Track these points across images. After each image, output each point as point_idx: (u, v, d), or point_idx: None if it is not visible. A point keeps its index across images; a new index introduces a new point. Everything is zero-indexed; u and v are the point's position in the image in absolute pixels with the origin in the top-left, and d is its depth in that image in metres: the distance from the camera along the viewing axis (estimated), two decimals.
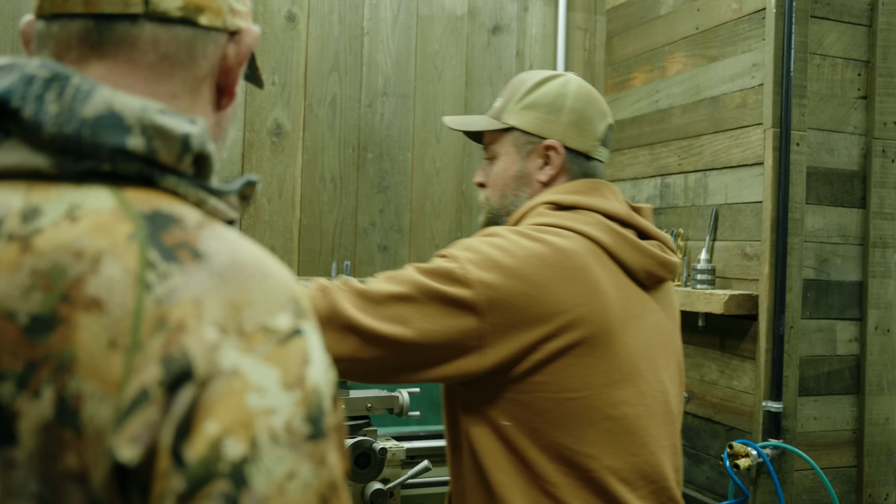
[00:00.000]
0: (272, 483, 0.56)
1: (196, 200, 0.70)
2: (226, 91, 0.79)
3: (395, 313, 1.29)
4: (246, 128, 2.71)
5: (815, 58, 2.35)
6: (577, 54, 3.16)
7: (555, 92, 1.54)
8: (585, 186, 1.51)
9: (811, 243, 2.34)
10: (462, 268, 1.30)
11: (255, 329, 0.60)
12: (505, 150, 1.56)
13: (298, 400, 0.59)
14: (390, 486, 1.94)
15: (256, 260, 0.65)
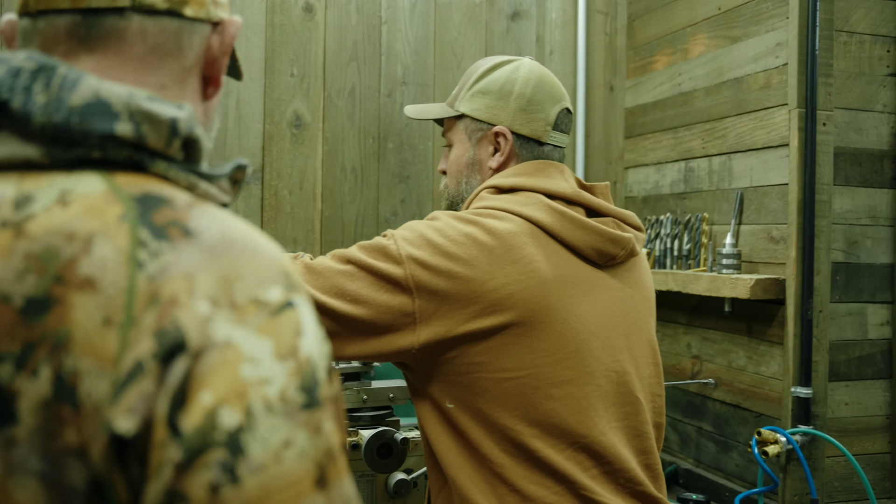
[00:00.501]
0: (268, 451, 0.57)
1: (187, 184, 0.71)
2: (211, 81, 0.81)
3: (335, 284, 1.35)
4: (266, 120, 2.71)
5: (842, 35, 2.30)
6: (598, 38, 3.12)
7: (504, 78, 1.54)
8: (530, 168, 1.51)
9: (840, 225, 2.29)
10: (395, 244, 1.36)
11: (246, 301, 0.61)
12: (458, 137, 1.59)
13: (292, 370, 0.60)
14: (413, 477, 1.94)
15: (246, 235, 0.66)
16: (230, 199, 0.79)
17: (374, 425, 1.95)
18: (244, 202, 2.68)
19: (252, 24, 2.69)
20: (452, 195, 1.61)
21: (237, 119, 2.68)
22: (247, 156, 2.69)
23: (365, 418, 1.98)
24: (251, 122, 2.69)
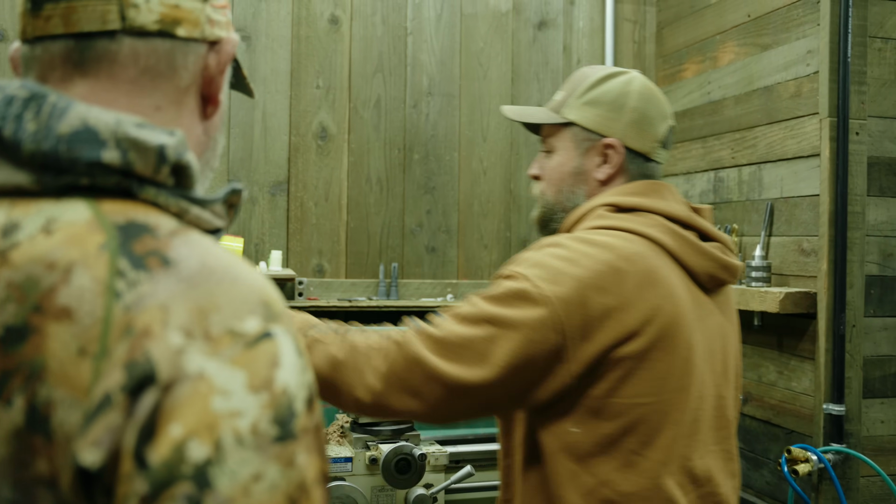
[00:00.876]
0: (237, 484, 0.56)
1: (177, 210, 0.71)
2: (210, 100, 0.81)
3: (476, 352, 1.26)
4: (291, 132, 2.72)
5: (876, 41, 2.24)
6: (627, 47, 3.08)
7: (617, 90, 1.50)
8: (644, 188, 1.47)
9: (874, 237, 2.23)
10: (533, 285, 1.27)
11: (221, 333, 0.60)
12: (563, 144, 1.52)
13: (266, 402, 0.59)
14: (433, 492, 1.92)
15: (226, 265, 0.66)
16: (225, 223, 0.79)
17: (394, 440, 1.94)
18: (270, 214, 2.69)
19: (278, 36, 2.71)
20: (550, 203, 1.54)
21: (263, 131, 2.69)
22: (273, 168, 2.70)
23: (385, 432, 1.97)
24: (277, 134, 2.71)
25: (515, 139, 2.94)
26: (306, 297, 2.68)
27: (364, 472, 1.91)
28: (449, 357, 1.26)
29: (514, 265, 1.33)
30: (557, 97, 1.56)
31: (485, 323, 1.28)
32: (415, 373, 1.26)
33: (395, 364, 1.27)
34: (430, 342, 1.28)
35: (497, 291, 1.30)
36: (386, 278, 2.76)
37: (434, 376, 1.26)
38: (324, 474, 0.66)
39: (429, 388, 1.27)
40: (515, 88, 2.95)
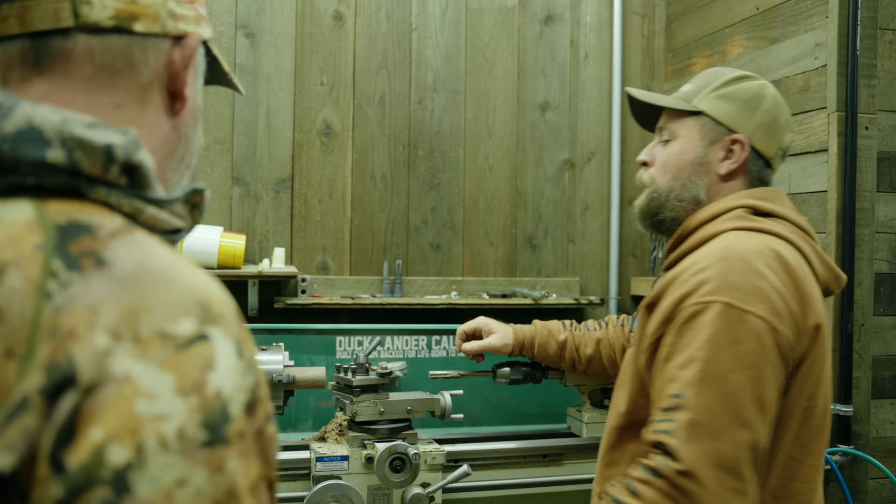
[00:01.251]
0: (158, 490, 0.55)
1: (131, 210, 0.70)
2: (177, 96, 0.80)
3: (744, 442, 1.26)
4: (295, 128, 2.71)
5: (887, 33, 2.18)
6: (635, 41, 3.04)
7: (753, 91, 1.54)
8: (771, 194, 1.50)
9: (884, 234, 2.18)
10: (773, 328, 1.29)
11: (151, 335, 0.59)
12: (687, 133, 1.54)
13: (195, 406, 0.58)
14: (430, 491, 1.90)
15: (164, 266, 0.64)
16: (186, 223, 0.78)
17: (391, 438, 1.93)
18: (274, 211, 2.69)
19: (282, 33, 2.70)
20: (663, 190, 1.55)
21: (267, 128, 2.69)
22: (276, 165, 2.70)
23: (382, 431, 1.95)
24: (281, 132, 2.70)
25: (521, 135, 2.92)
26: (310, 294, 2.67)
27: (361, 471, 1.90)
28: (732, 475, 1.25)
29: (707, 294, 1.32)
30: (686, 89, 1.59)
31: (748, 370, 1.29)
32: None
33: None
34: (715, 470, 1.25)
35: (736, 350, 1.30)
36: (390, 276, 2.75)
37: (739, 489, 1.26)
38: (267, 480, 0.65)
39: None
40: (522, 84, 2.92)
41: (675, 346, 1.33)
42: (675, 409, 1.27)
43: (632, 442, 1.47)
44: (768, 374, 1.28)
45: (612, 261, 2.98)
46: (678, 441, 1.24)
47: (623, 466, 1.47)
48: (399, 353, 2.49)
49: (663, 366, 1.34)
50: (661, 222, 1.57)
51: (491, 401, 2.55)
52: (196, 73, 0.83)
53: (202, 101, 0.86)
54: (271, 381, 1.93)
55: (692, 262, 1.39)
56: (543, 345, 2.04)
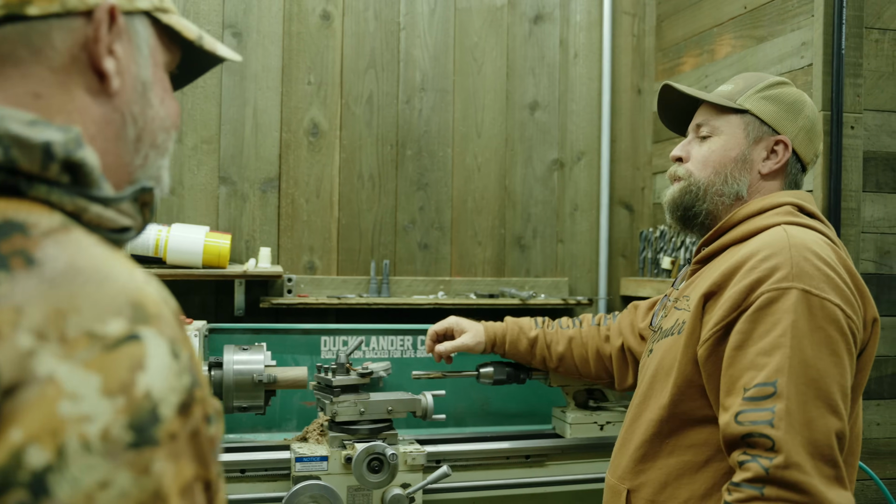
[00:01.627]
0: (79, 492, 0.54)
1: (74, 209, 0.69)
2: (104, 75, 0.75)
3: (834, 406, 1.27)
4: (282, 128, 2.71)
5: (873, 32, 2.17)
6: (625, 41, 3.03)
7: (795, 96, 1.59)
8: (810, 197, 1.55)
9: (870, 234, 2.16)
10: (847, 315, 1.31)
11: (78, 335, 0.58)
12: (731, 130, 1.57)
13: (121, 407, 0.57)
14: (410, 492, 1.90)
15: (97, 265, 0.63)
16: (135, 222, 0.77)
17: (371, 438, 1.92)
18: (261, 211, 2.68)
19: (269, 32, 2.70)
20: (701, 183, 1.57)
21: (254, 128, 2.68)
22: (263, 164, 2.69)
23: (362, 431, 1.94)
24: (268, 131, 2.69)
25: (510, 135, 2.91)
26: (296, 294, 2.67)
27: (340, 472, 1.89)
28: (826, 462, 1.26)
29: (780, 280, 1.33)
30: (725, 89, 1.62)
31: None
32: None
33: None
34: (816, 461, 1.25)
35: (819, 337, 1.32)
36: (377, 275, 2.74)
37: (834, 469, 1.26)
38: (204, 481, 0.64)
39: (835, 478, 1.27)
40: (510, 83, 2.91)
41: (751, 332, 1.32)
42: (767, 397, 1.26)
43: (674, 435, 1.46)
44: (847, 362, 1.29)
45: (601, 261, 2.96)
46: (780, 432, 1.23)
47: (663, 459, 1.46)
48: (384, 354, 2.48)
49: (736, 353, 1.33)
50: (693, 216, 1.59)
51: (477, 401, 2.54)
52: (135, 47, 0.79)
53: (150, 74, 0.80)
54: (251, 380, 1.92)
55: (753, 249, 1.39)
56: (514, 341, 2.04)
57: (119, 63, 0.76)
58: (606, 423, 2.18)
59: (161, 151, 0.84)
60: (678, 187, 1.60)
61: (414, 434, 2.20)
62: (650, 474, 1.47)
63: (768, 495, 1.22)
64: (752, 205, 1.52)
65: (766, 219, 1.47)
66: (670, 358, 1.48)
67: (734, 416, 1.29)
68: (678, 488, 1.43)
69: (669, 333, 1.53)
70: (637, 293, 2.88)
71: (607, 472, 1.62)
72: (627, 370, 1.93)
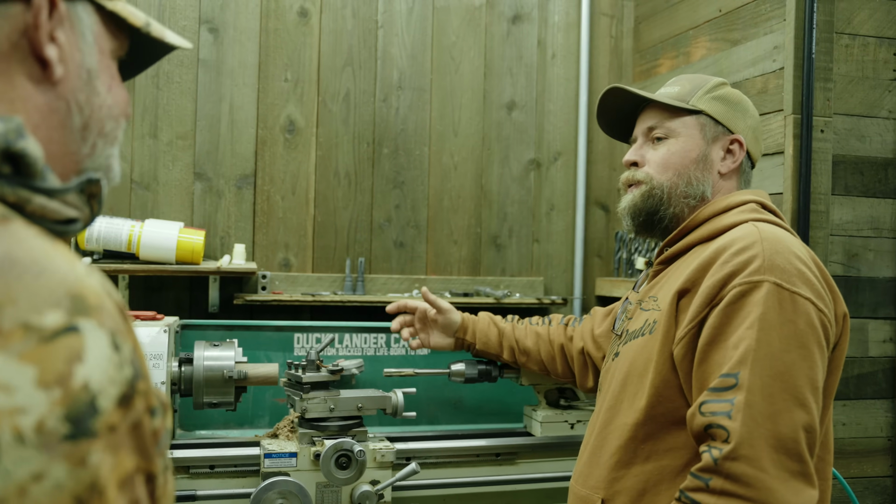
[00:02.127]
0: (10, 484, 0.54)
1: (16, 200, 0.68)
2: (45, 62, 0.74)
3: (803, 399, 1.27)
4: (258, 124, 2.70)
5: (843, 37, 2.19)
6: (603, 42, 3.04)
7: (739, 96, 1.61)
8: (766, 195, 1.56)
9: (838, 237, 2.19)
10: (819, 309, 1.31)
11: (14, 327, 0.58)
12: (688, 132, 1.56)
13: (57, 399, 0.57)
14: (378, 489, 1.90)
15: (35, 257, 0.63)
16: (81, 214, 0.76)
17: (340, 435, 1.92)
18: (236, 207, 2.68)
19: (246, 29, 2.69)
20: (664, 186, 1.55)
21: (230, 124, 2.68)
22: (239, 161, 2.69)
23: (332, 428, 1.95)
24: (244, 127, 2.69)
25: (487, 134, 2.92)
26: (271, 290, 2.66)
27: (309, 468, 1.89)
28: (789, 456, 1.25)
29: (753, 273, 1.33)
30: (671, 90, 1.61)
31: (800, 347, 1.30)
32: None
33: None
34: (773, 452, 1.24)
35: (788, 331, 1.33)
36: (353, 273, 2.74)
37: (801, 467, 1.25)
38: (145, 474, 0.64)
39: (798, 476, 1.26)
40: (488, 83, 2.92)
41: (722, 326, 1.31)
42: (728, 389, 1.26)
43: (650, 439, 1.42)
44: (817, 355, 1.28)
45: (576, 261, 2.98)
46: (736, 423, 1.22)
47: (639, 465, 1.42)
48: (358, 351, 2.48)
49: (709, 348, 1.32)
50: (658, 220, 1.57)
51: (450, 399, 2.55)
52: (78, 34, 0.78)
53: (96, 62, 0.79)
54: (222, 377, 1.92)
55: (726, 243, 1.39)
56: (484, 330, 2.05)
57: (62, 50, 0.75)
58: (577, 422, 2.19)
59: (110, 140, 0.83)
60: (639, 192, 1.57)
61: (386, 432, 2.20)
62: (626, 482, 1.43)
63: (713, 486, 1.22)
64: (715, 204, 1.52)
65: (732, 216, 1.47)
66: (644, 359, 1.45)
67: (699, 407, 1.29)
68: (657, 495, 1.39)
69: (639, 334, 1.50)
70: (612, 293, 2.90)
71: (572, 481, 1.57)
72: (587, 373, 1.93)
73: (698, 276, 1.39)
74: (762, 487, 1.19)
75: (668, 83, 1.64)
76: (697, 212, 1.52)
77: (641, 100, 1.62)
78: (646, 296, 1.56)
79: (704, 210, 1.52)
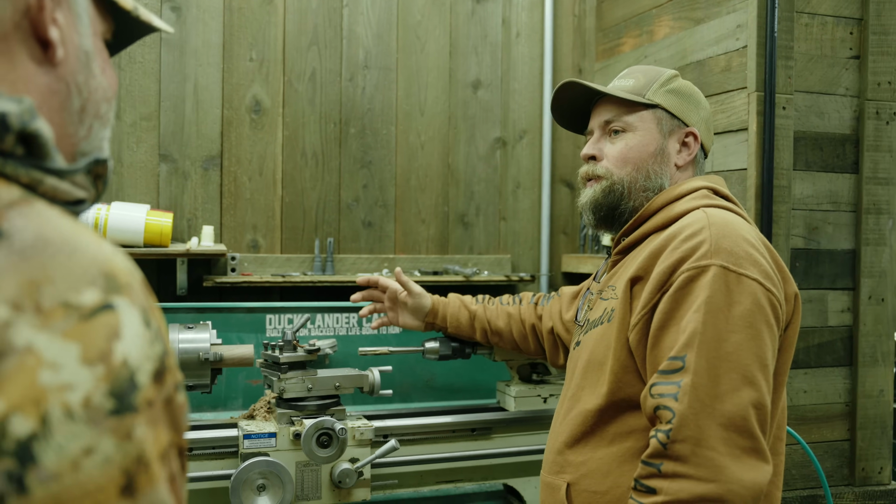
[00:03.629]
0: (64, 459, 0.55)
1: (29, 181, 0.68)
2: (48, 43, 0.74)
3: (745, 373, 1.29)
4: (224, 105, 2.67)
5: (803, 17, 2.25)
6: (567, 21, 3.07)
7: (692, 88, 1.63)
8: (721, 181, 1.60)
9: (800, 210, 2.26)
10: (767, 290, 1.33)
11: (54, 305, 0.59)
12: (645, 126, 1.58)
13: (101, 375, 0.58)
14: (358, 466, 1.92)
15: (65, 236, 0.63)
16: (88, 194, 0.76)
17: (319, 414, 1.93)
18: (203, 189, 2.65)
19: (209, 7, 2.65)
20: (624, 180, 1.56)
21: (195, 105, 2.64)
22: (205, 142, 2.66)
23: (310, 408, 1.96)
24: (209, 108, 2.66)
25: (454, 113, 2.93)
26: (240, 272, 2.65)
27: (288, 448, 1.90)
28: (741, 434, 1.27)
29: (702, 257, 1.36)
30: (626, 83, 1.61)
31: (749, 327, 1.33)
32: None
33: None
34: (726, 433, 1.26)
35: (744, 317, 1.33)
36: (322, 253, 2.74)
37: (755, 447, 1.27)
38: (177, 448, 0.65)
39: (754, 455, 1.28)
40: (454, 62, 2.93)
41: (672, 311, 1.34)
42: (676, 371, 1.28)
43: (612, 423, 1.45)
44: (766, 335, 1.31)
45: (543, 238, 3.02)
46: (682, 406, 1.25)
47: (604, 448, 1.45)
48: (330, 331, 2.49)
49: (660, 333, 1.35)
50: (619, 214, 1.58)
51: (422, 377, 2.57)
52: (76, 15, 0.77)
53: (91, 44, 0.79)
54: (197, 359, 1.91)
55: (675, 231, 1.41)
56: (455, 314, 2.07)
57: (62, 32, 0.75)
58: (549, 396, 2.23)
59: (104, 122, 0.83)
60: (600, 187, 1.58)
61: (360, 410, 2.22)
62: (590, 465, 1.46)
63: (664, 471, 1.25)
64: (667, 192, 1.54)
65: (683, 203, 1.49)
66: (603, 346, 1.49)
67: (649, 389, 1.32)
68: (621, 476, 1.42)
69: (598, 323, 1.54)
70: (578, 269, 2.94)
71: (542, 471, 1.60)
72: (558, 351, 1.97)
73: (650, 263, 1.42)
74: (712, 466, 1.22)
75: (620, 75, 1.66)
76: (651, 201, 1.55)
77: (596, 92, 1.63)
78: (605, 285, 1.60)
79: (657, 199, 1.54)
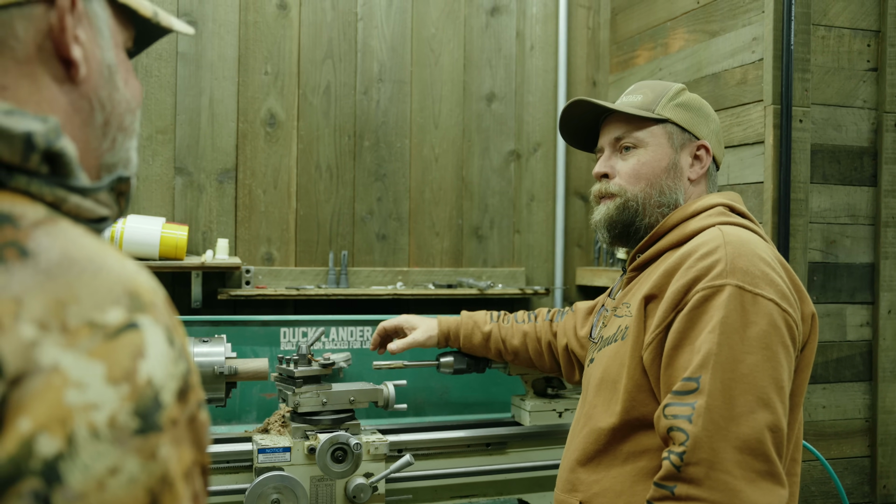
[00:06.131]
0: (90, 479, 0.55)
1: (53, 199, 0.68)
2: (71, 62, 0.74)
3: (761, 396, 1.27)
4: (239, 118, 2.68)
5: (820, 29, 2.24)
6: (581, 33, 3.07)
7: (700, 101, 1.62)
8: (738, 197, 1.58)
9: (817, 224, 2.24)
10: (783, 310, 1.31)
11: (80, 325, 0.59)
12: (656, 141, 1.56)
13: (126, 394, 0.58)
14: (373, 481, 1.91)
15: (90, 255, 0.64)
16: (111, 212, 0.76)
17: (333, 429, 1.93)
18: (218, 202, 2.66)
19: (225, 21, 2.66)
20: (638, 197, 1.55)
21: (210, 118, 2.65)
22: (220, 155, 2.66)
23: (325, 422, 1.95)
24: (224, 121, 2.67)
25: (468, 126, 2.93)
26: (254, 285, 2.65)
27: (303, 462, 1.89)
28: (758, 458, 1.25)
29: (717, 277, 1.34)
30: (634, 99, 1.60)
31: (765, 351, 1.31)
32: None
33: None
34: (740, 457, 1.24)
35: (759, 339, 1.33)
36: (336, 266, 2.74)
37: (770, 472, 1.25)
38: (200, 466, 0.65)
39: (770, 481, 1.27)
40: (468, 75, 2.93)
41: (686, 331, 1.32)
42: (690, 392, 1.26)
43: (627, 442, 1.43)
44: (782, 356, 1.28)
45: (557, 251, 3.01)
46: (696, 428, 1.23)
47: (617, 467, 1.43)
48: (344, 344, 2.48)
49: (674, 352, 1.33)
50: (633, 231, 1.57)
51: (437, 391, 2.56)
52: (96, 30, 0.77)
53: (113, 57, 0.79)
54: (212, 372, 1.91)
55: (690, 249, 1.40)
56: (468, 335, 2.04)
57: (84, 49, 0.75)
58: (565, 410, 2.22)
59: (129, 133, 0.83)
60: (614, 205, 1.57)
61: (374, 424, 2.21)
62: (604, 484, 1.44)
63: (678, 494, 1.23)
64: (683, 209, 1.53)
65: (699, 221, 1.48)
66: (617, 364, 1.47)
67: (662, 410, 1.31)
68: (634, 496, 1.40)
69: (612, 340, 1.52)
70: (592, 282, 2.93)
71: (556, 490, 1.58)
72: (573, 368, 1.95)
73: (664, 281, 1.41)
74: (727, 489, 1.20)
75: (627, 91, 1.64)
76: (666, 218, 1.53)
77: (604, 110, 1.62)
78: (620, 302, 1.58)
79: (673, 216, 1.52)
